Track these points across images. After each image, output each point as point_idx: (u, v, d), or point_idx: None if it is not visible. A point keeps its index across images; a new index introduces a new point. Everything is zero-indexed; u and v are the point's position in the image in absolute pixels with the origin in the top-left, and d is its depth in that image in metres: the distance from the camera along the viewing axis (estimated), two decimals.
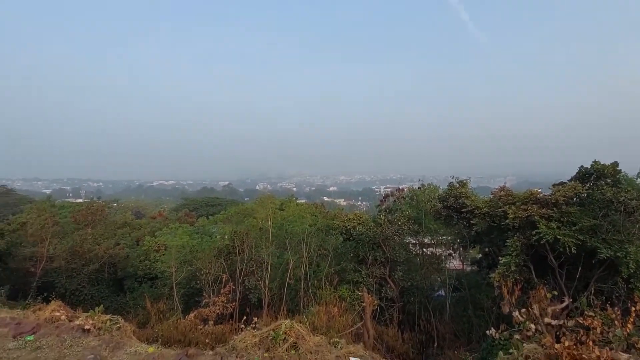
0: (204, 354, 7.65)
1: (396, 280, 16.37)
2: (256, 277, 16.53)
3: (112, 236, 23.93)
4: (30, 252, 19.28)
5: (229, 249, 18.20)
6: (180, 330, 11.27)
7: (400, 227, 16.97)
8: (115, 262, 22.21)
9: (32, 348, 7.68)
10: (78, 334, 8.18)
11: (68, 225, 22.99)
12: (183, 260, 17.84)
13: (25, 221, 20.53)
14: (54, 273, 19.55)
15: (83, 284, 19.86)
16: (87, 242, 21.04)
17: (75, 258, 20.17)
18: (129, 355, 7.40)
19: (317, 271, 17.70)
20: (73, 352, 7.51)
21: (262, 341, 7.99)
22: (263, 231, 18.16)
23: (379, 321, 15.22)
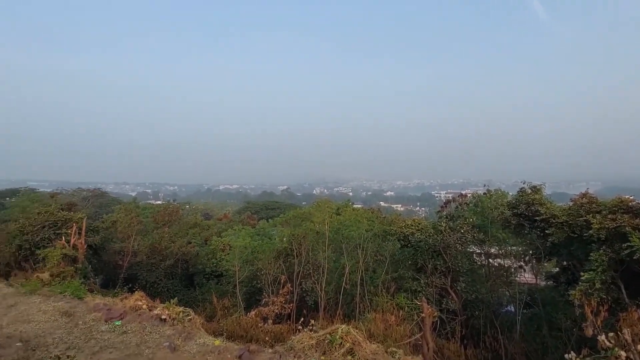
0: (264, 351, 8.04)
1: (458, 292, 15.46)
2: (313, 280, 16.84)
3: (184, 235, 26.16)
4: (119, 247, 21.95)
5: (287, 251, 18.82)
6: (242, 326, 11.93)
7: (463, 235, 16.04)
8: (187, 259, 24.19)
9: (120, 332, 8.77)
10: (156, 322, 9.14)
11: (149, 225, 25.67)
12: (245, 260, 18.90)
13: (115, 220, 23.50)
14: (137, 266, 21.96)
15: (160, 278, 21.99)
16: (164, 239, 23.32)
17: (154, 254, 22.45)
18: (198, 345, 8.07)
19: (374, 277, 17.47)
20: (152, 338, 8.42)
21: (319, 344, 8.14)
22: (320, 235, 18.47)
23: (439, 334, 14.49)
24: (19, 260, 17.26)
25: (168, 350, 7.69)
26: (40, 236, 17.35)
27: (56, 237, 16.87)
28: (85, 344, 8.07)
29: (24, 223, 18.07)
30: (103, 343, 8.14)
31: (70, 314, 9.82)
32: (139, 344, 8.10)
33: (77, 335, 8.49)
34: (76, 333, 8.64)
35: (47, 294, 11.58)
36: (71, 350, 7.65)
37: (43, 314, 9.82)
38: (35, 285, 12.29)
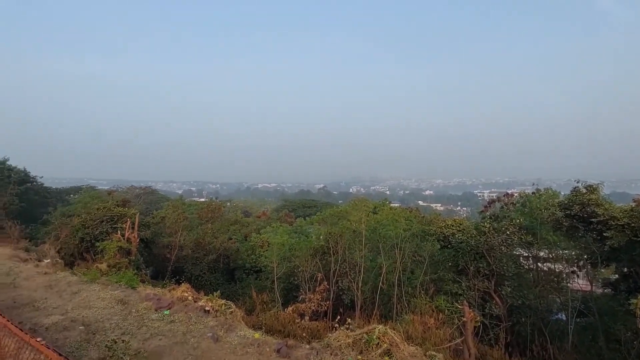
0: (301, 347, 8.20)
1: (503, 297, 14.69)
2: (349, 279, 16.85)
3: (226, 231, 27.28)
4: (167, 241, 23.43)
5: (324, 249, 18.97)
6: (280, 321, 12.24)
7: (508, 237, 15.20)
8: (229, 254, 25.22)
9: (168, 321, 9.38)
10: (201, 313, 9.65)
11: (194, 221, 27.08)
12: (283, 257, 19.33)
13: (164, 216, 25.11)
14: (183, 260, 23.29)
15: (204, 271, 23.14)
16: (208, 235, 24.51)
17: (198, 248, 23.67)
18: (239, 337, 8.42)
19: (412, 278, 17.10)
20: (197, 328, 8.92)
21: (356, 343, 8.16)
22: (356, 234, 18.40)
23: (482, 340, 13.87)
24: (81, 251, 19.01)
25: (211, 340, 8.10)
26: (99, 230, 18.99)
27: (113, 231, 18.38)
28: (138, 331, 8.73)
29: (85, 218, 19.86)
30: (153, 330, 8.75)
31: (124, 302, 10.66)
32: (185, 333, 8.62)
33: (130, 322, 9.21)
34: (130, 320, 9.37)
35: (105, 282, 12.66)
36: (125, 335, 8.31)
37: (102, 301, 10.76)
38: (95, 274, 13.49)
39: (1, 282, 12.34)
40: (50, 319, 9.17)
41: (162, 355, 7.40)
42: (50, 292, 11.54)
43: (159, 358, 7.27)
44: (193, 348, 7.78)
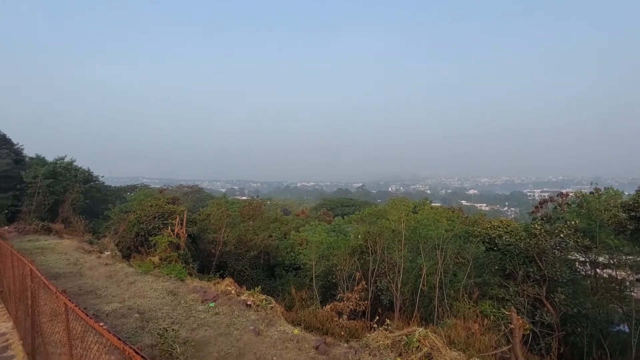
0: (339, 345, 8.25)
1: (556, 304, 13.68)
2: (388, 279, 16.61)
3: (266, 229, 28.07)
4: (212, 237, 24.61)
5: (362, 248, 18.87)
6: (318, 318, 12.39)
7: (562, 240, 14.14)
8: (269, 251, 25.94)
9: (213, 313, 9.87)
10: (243, 307, 10.05)
11: (236, 218, 28.16)
12: (321, 255, 19.51)
13: (209, 213, 26.42)
14: (226, 255, 24.32)
15: (246, 267, 24.01)
16: (249, 232, 25.40)
17: (241, 245, 24.60)
18: (279, 332, 8.65)
19: (454, 281, 16.47)
20: (239, 321, 9.30)
21: (395, 344, 8.06)
22: (395, 233, 18.09)
23: (531, 349, 13.04)
24: (137, 245, 20.57)
25: (253, 333, 8.42)
26: (152, 225, 20.43)
27: (164, 227, 19.69)
28: (186, 320, 9.29)
29: (140, 214, 21.46)
30: (200, 321, 9.27)
31: (174, 293, 11.39)
32: (229, 325, 9.03)
33: (180, 312, 9.82)
34: (179, 310, 10.00)
35: (157, 274, 13.60)
36: (175, 324, 8.88)
37: (154, 291, 11.58)
38: (148, 266, 14.54)
39: (69, 271, 13.72)
40: (110, 306, 10.05)
41: (207, 344, 7.82)
42: (110, 282, 12.62)
43: (205, 347, 7.69)
44: (236, 340, 8.12)
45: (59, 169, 31.94)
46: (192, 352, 7.19)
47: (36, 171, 30.10)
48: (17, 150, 36.15)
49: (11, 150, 34.77)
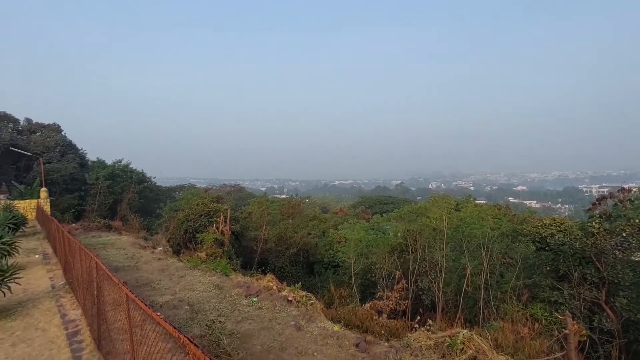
0: (380, 344, 8.23)
1: (617, 309, 12.53)
2: (429, 279, 16.20)
3: (305, 227, 28.51)
4: (253, 234, 25.51)
5: (402, 247, 18.55)
6: (358, 316, 12.41)
7: (625, 240, 12.92)
8: (308, 249, 26.34)
9: (256, 307, 10.27)
10: (284, 302, 10.34)
11: (276, 216, 28.93)
12: (360, 254, 19.46)
13: (251, 211, 27.38)
14: (267, 252, 25.07)
15: (286, 264, 24.59)
16: (289, 230, 25.96)
17: (281, 242, 25.23)
18: (319, 328, 8.81)
19: (501, 282, 15.68)
20: (281, 316, 9.60)
21: (437, 345, 7.88)
22: (437, 232, 17.58)
23: (588, 357, 12.07)
24: (185, 241, 21.87)
25: (294, 328, 8.65)
26: (198, 223, 21.60)
27: (209, 224, 20.74)
28: (231, 313, 9.75)
29: (188, 212, 22.78)
30: (244, 315, 9.69)
31: (220, 287, 11.99)
32: (271, 319, 9.35)
33: (225, 305, 10.33)
34: (225, 303, 10.52)
35: (204, 269, 14.39)
36: (221, 317, 9.36)
37: (202, 285, 12.27)
38: (196, 261, 15.43)
39: (127, 265, 14.94)
40: (163, 297, 10.82)
41: (252, 337, 8.17)
42: (162, 275, 13.57)
43: (249, 340, 8.05)
44: (278, 334, 8.40)
45: (117, 171, 34.86)
46: (237, 343, 7.55)
47: (97, 173, 33.08)
48: (82, 155, 39.97)
49: (76, 154, 38.52)
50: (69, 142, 39.44)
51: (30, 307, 9.23)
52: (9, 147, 33.87)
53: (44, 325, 8.05)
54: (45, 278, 11.91)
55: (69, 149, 38.27)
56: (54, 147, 36.67)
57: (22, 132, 39.28)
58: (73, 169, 34.66)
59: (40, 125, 41.26)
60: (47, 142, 37.01)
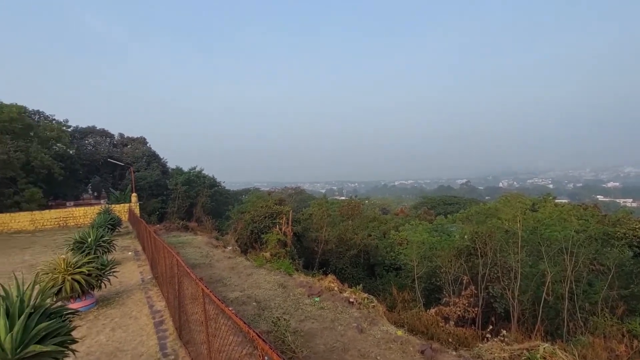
0: (447, 352, 7.86)
1: None
2: (502, 285, 14.97)
3: (365, 228, 28.35)
4: (314, 235, 26.06)
5: (470, 250, 17.43)
6: (423, 322, 11.95)
7: None
8: (368, 250, 26.13)
9: (318, 307, 10.49)
10: (346, 304, 10.42)
11: (336, 218, 29.23)
12: (423, 256, 18.73)
13: (311, 213, 28.05)
14: (328, 253, 25.42)
15: (346, 265, 24.69)
16: (349, 231, 26.04)
17: (341, 243, 25.41)
18: (382, 332, 8.71)
19: (589, 292, 13.88)
20: (343, 317, 9.68)
21: (513, 359, 7.31)
22: (510, 234, 16.20)
23: None
24: (252, 241, 23.17)
25: (356, 330, 8.66)
26: (263, 224, 22.75)
27: (273, 225, 21.72)
28: (295, 312, 10.11)
29: (253, 214, 24.13)
30: (307, 314, 9.97)
31: (284, 286, 12.50)
32: (333, 320, 9.49)
33: (289, 304, 10.74)
34: (289, 302, 10.93)
35: (269, 268, 15.11)
36: (286, 315, 9.75)
37: (267, 283, 12.91)
38: (261, 261, 16.28)
39: (202, 262, 16.32)
40: (233, 294, 11.62)
41: (314, 336, 8.38)
42: (232, 273, 14.57)
43: (312, 339, 8.26)
44: (340, 335, 8.49)
45: (192, 177, 38.40)
46: (301, 341, 7.81)
47: (176, 180, 36.77)
48: (163, 163, 44.78)
49: (159, 163, 43.28)
50: (153, 153, 44.52)
51: (125, 297, 10.59)
52: (107, 158, 39.38)
53: (136, 314, 9.19)
54: (136, 272, 13.55)
55: (153, 159, 43.19)
56: (141, 157, 41.67)
57: (117, 145, 45.33)
58: (157, 176, 39.00)
59: (130, 139, 47.18)
60: (136, 153, 42.25)
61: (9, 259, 16.76)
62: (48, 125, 35.15)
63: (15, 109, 31.27)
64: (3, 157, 27.45)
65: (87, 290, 9.28)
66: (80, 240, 12.90)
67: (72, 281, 8.73)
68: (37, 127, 33.32)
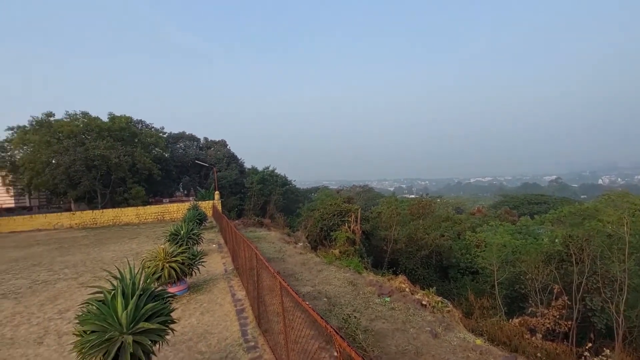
0: None
1: None
2: (603, 298, 13.04)
3: (437, 228, 27.06)
4: (383, 234, 25.75)
5: (562, 255, 15.52)
6: (505, 332, 11.04)
7: None
8: (441, 252, 24.91)
9: (388, 307, 10.36)
10: (418, 306, 10.13)
11: (406, 217, 28.45)
12: (505, 260, 17.24)
13: (380, 211, 27.76)
14: (397, 253, 24.89)
15: (417, 266, 23.88)
16: (419, 231, 25.13)
17: (411, 243, 24.66)
18: (458, 339, 8.28)
19: None
20: (415, 319, 9.42)
21: None
22: (614, 239, 14.03)
23: None
24: (321, 238, 23.81)
25: (430, 335, 8.37)
26: (332, 222, 23.21)
27: (342, 223, 22.03)
28: (365, 310, 10.13)
29: (322, 212, 24.76)
30: (377, 313, 9.92)
31: (354, 284, 12.61)
32: (405, 322, 9.29)
33: (359, 302, 10.80)
34: (359, 300, 11.00)
35: (338, 265, 15.37)
36: (356, 312, 9.83)
37: (337, 280, 13.15)
38: (331, 258, 16.65)
39: (275, 257, 17.28)
40: (305, 288, 12.10)
41: (385, 337, 8.33)
42: (303, 268, 15.16)
43: (383, 339, 8.22)
44: (412, 338, 8.29)
45: (266, 176, 40.90)
46: (372, 341, 7.84)
47: (252, 179, 39.49)
48: (241, 164, 48.45)
49: (237, 164, 46.95)
50: (232, 154, 48.48)
51: (211, 285, 11.78)
52: (194, 160, 44.04)
53: (220, 301, 10.17)
54: (220, 263, 14.94)
55: (232, 160, 47.06)
56: (222, 158, 45.66)
57: (202, 148, 50.34)
58: (235, 175, 42.43)
59: (213, 142, 52.00)
60: (218, 155, 46.45)
61: (120, 247, 19.82)
62: (148, 132, 40.62)
63: (124, 119, 36.86)
64: (115, 161, 32.53)
65: (181, 277, 10.55)
66: (174, 233, 14.67)
67: (169, 268, 10.02)
68: (140, 134, 38.75)
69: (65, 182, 31.31)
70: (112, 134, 34.80)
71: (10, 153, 34.73)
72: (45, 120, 34.44)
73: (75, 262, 15.89)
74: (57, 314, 8.87)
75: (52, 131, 32.56)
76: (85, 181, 31.75)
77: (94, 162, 31.73)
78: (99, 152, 31.65)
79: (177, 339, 6.76)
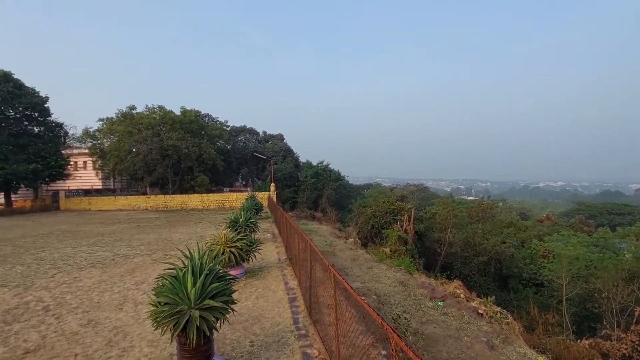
0: None
1: None
2: None
3: (498, 234, 25.31)
4: (437, 236, 24.77)
5: None
6: (572, 353, 10.10)
7: None
8: (501, 259, 23.30)
9: (441, 312, 10.04)
10: (473, 314, 9.68)
11: (463, 219, 27.03)
12: (576, 275, 15.65)
13: (435, 212, 26.71)
14: (452, 256, 23.80)
15: (473, 272, 22.61)
16: (478, 235, 23.72)
17: (468, 248, 23.41)
18: (517, 354, 7.78)
19: None
20: (469, 328, 9.02)
21: None
22: None
23: None
24: (372, 235, 23.66)
25: (486, 346, 7.97)
26: (384, 220, 22.93)
27: (394, 222, 21.66)
28: (416, 313, 9.93)
29: (374, 209, 24.55)
30: (428, 317, 9.67)
31: (404, 284, 12.40)
32: (458, 329, 8.94)
33: (410, 303, 10.61)
34: (409, 301, 10.81)
35: (389, 264, 15.19)
36: (406, 314, 9.68)
37: (387, 279, 13.03)
38: (381, 256, 16.50)
39: (326, 250, 17.59)
40: (354, 284, 12.17)
41: (437, 342, 8.11)
42: (353, 264, 15.24)
43: (434, 344, 8.02)
44: (466, 347, 7.97)
45: (319, 171, 41.61)
46: (422, 344, 7.69)
47: (306, 172, 40.44)
48: (296, 157, 49.84)
49: (292, 157, 48.40)
50: (288, 148, 50.07)
51: (265, 272, 12.40)
52: (253, 153, 46.33)
53: (274, 287, 10.67)
54: (274, 252, 15.62)
55: (288, 153, 48.63)
56: (279, 152, 47.41)
57: (261, 141, 52.71)
58: (290, 169, 43.82)
59: (271, 135, 54.14)
60: (275, 148, 48.33)
61: (187, 229, 21.67)
62: (213, 125, 43.62)
63: (194, 113, 39.99)
64: (185, 151, 35.52)
65: (240, 262, 11.27)
66: (234, 220, 15.63)
67: (229, 253, 10.76)
68: (207, 126, 41.77)
69: (143, 169, 34.99)
70: (183, 126, 37.95)
71: (100, 141, 39.74)
72: (128, 112, 38.76)
73: (149, 240, 17.75)
74: (134, 285, 10.04)
75: (134, 122, 36.52)
76: (160, 168, 35.15)
77: (167, 152, 34.98)
78: (172, 143, 34.79)
79: (235, 319, 7.27)
